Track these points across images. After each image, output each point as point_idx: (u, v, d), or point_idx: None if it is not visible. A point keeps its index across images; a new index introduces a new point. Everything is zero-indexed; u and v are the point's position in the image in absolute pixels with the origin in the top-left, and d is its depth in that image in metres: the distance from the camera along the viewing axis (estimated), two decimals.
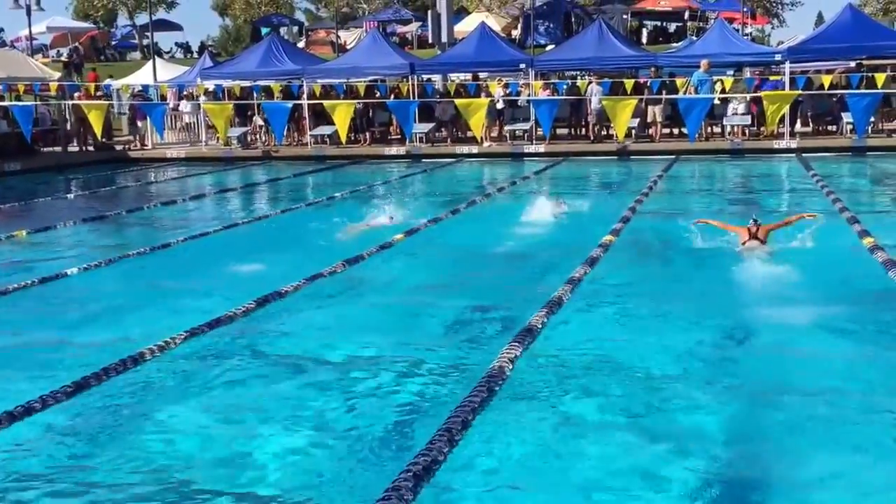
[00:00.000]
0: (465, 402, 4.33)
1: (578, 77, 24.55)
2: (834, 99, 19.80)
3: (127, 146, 23.74)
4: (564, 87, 22.37)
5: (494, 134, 21.78)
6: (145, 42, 44.86)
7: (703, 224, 9.08)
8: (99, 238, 10.98)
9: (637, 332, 6.09)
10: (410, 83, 21.96)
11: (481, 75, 23.92)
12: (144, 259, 8.97)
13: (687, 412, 4.66)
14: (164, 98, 26.27)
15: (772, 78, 20.58)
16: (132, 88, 26.24)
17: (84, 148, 22.80)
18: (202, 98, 23.81)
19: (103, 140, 22.51)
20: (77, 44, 45.01)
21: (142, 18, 49.58)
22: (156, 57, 31.49)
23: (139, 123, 23.62)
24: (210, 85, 24.25)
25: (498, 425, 4.42)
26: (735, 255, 8.17)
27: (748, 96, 19.84)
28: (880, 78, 20.41)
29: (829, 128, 20.60)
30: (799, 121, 20.87)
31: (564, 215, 11.01)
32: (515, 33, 43.16)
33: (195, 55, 48.88)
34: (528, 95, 21.21)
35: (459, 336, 6.21)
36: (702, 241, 8.79)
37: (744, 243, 8.26)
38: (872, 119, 19.26)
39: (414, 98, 21.45)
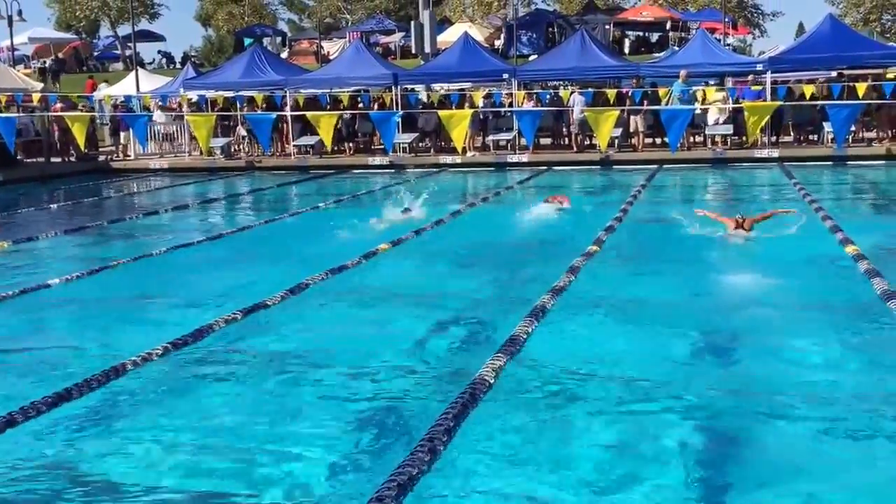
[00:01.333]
0: (447, 411, 4.33)
1: (561, 87, 24.67)
2: (815, 109, 19.96)
3: (110, 157, 23.63)
4: (547, 96, 22.48)
5: (478, 144, 21.82)
6: (128, 53, 44.69)
7: (702, 214, 10.33)
8: (81, 249, 10.90)
9: (624, 340, 6.11)
10: (394, 93, 21.99)
11: (465, 85, 24.00)
12: (126, 270, 8.91)
13: (672, 416, 4.68)
14: (147, 109, 26.16)
15: (753, 87, 20.75)
16: (115, 99, 26.12)
17: (67, 159, 22.68)
18: (185, 108, 23.75)
19: (86, 151, 22.40)
20: (59, 55, 44.87)
21: (124, 29, 49.40)
22: (138, 67, 31.35)
23: (122, 134, 23.52)
24: (193, 95, 24.18)
25: (483, 432, 4.42)
26: (718, 261, 8.23)
27: (730, 107, 19.98)
28: (861, 88, 20.61)
29: (811, 137, 20.77)
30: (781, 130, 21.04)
31: (552, 221, 11.05)
32: (498, 43, 43.30)
33: (178, 66, 48.76)
34: (511, 105, 21.27)
35: (444, 345, 6.21)
36: (686, 247, 8.85)
37: (731, 231, 9.52)
38: (853, 128, 19.45)
39: (397, 108, 21.48)
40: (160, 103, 25.64)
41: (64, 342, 6.55)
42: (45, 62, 42.73)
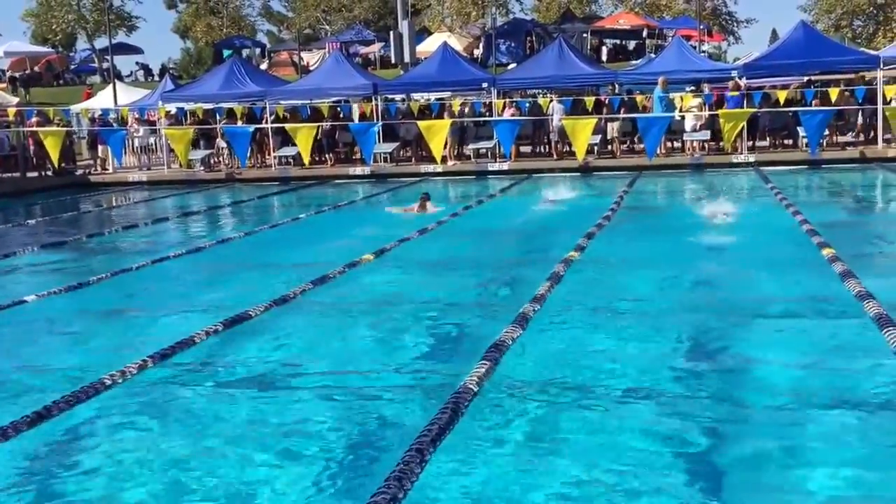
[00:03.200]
0: (434, 421, 4.34)
1: (540, 95, 24.80)
2: (790, 114, 20.18)
3: (88, 170, 23.49)
4: (527, 104, 22.58)
5: (462, 152, 21.88)
6: (105, 65, 44.46)
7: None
8: (57, 264, 10.83)
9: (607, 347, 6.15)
10: (374, 104, 22.02)
11: (445, 94, 24.08)
12: (104, 285, 8.87)
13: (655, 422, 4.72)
14: (124, 122, 26.05)
15: (731, 94, 20.95)
16: (92, 112, 25.99)
17: (43, 173, 22.52)
18: (163, 121, 23.66)
19: (62, 165, 22.26)
20: (35, 68, 44.60)
21: (101, 42, 49.15)
22: (116, 80, 31.24)
23: (100, 147, 23.40)
24: (172, 108, 24.10)
25: (469, 441, 4.43)
26: (699, 267, 8.29)
27: (706, 114, 20.16)
28: (833, 92, 20.87)
29: (786, 141, 20.99)
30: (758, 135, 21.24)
31: (534, 230, 11.09)
32: (477, 53, 43.50)
33: (156, 78, 48.57)
34: (491, 113, 21.35)
35: (428, 353, 6.22)
36: (668, 253, 8.91)
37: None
38: (827, 133, 19.67)
39: (377, 119, 21.52)
40: (138, 116, 25.55)
41: (40, 359, 6.50)
42: (17, 74, 42.49)
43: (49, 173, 22.39)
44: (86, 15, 52.12)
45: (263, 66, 42.13)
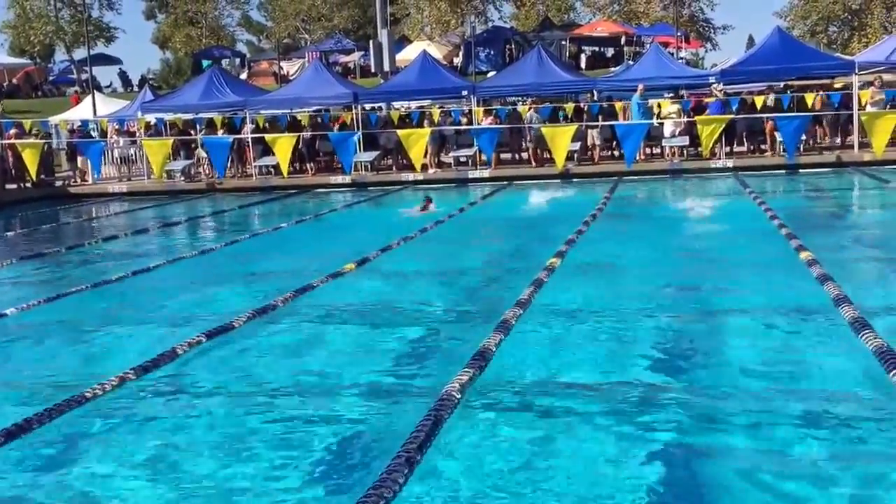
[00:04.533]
0: (419, 427, 4.36)
1: (520, 102, 24.91)
2: (767, 120, 20.37)
3: (67, 182, 23.34)
4: (506, 112, 22.67)
5: (442, 159, 21.93)
6: (84, 77, 44.22)
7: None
8: (37, 276, 10.76)
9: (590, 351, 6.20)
10: (354, 112, 22.04)
11: (424, 103, 24.14)
12: (84, 297, 8.83)
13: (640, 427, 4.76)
14: (104, 133, 25.92)
15: (707, 100, 21.13)
16: (71, 124, 25.84)
17: (23, 185, 22.36)
18: (142, 132, 23.56)
19: (41, 177, 22.10)
20: (13, 80, 44.27)
21: (80, 53, 48.86)
22: (95, 91, 31.08)
23: (79, 158, 23.27)
24: (151, 118, 24.01)
25: (455, 446, 4.46)
26: (680, 272, 8.36)
27: (684, 120, 20.32)
28: (809, 98, 21.09)
29: (764, 147, 21.17)
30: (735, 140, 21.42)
31: (514, 237, 11.12)
32: (457, 61, 43.64)
33: (135, 88, 48.34)
34: (471, 121, 21.43)
35: (411, 361, 6.24)
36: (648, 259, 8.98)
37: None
38: (804, 137, 19.87)
39: (358, 128, 21.54)
40: (118, 127, 25.43)
41: (18, 372, 6.47)
42: None
43: (28, 185, 22.23)
44: (64, 26, 51.81)
45: (243, 76, 42.02)
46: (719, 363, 5.82)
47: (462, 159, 21.46)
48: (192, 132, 23.74)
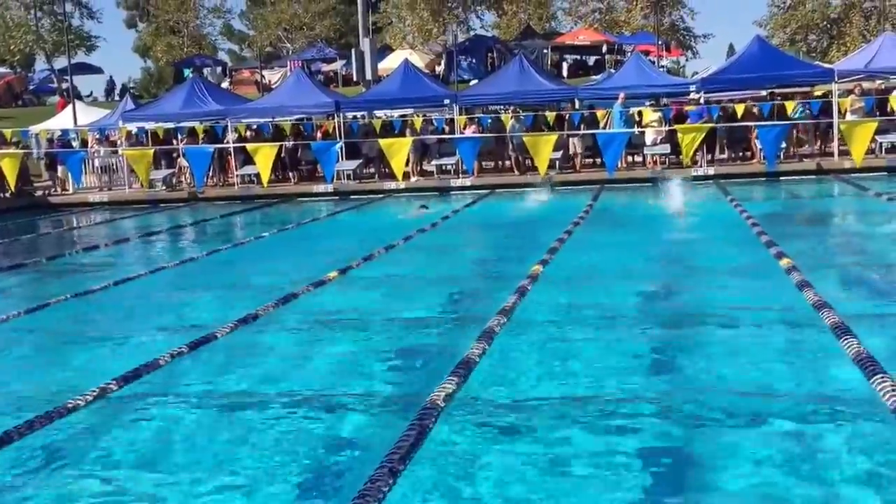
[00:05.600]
0: (403, 438, 4.35)
1: (502, 111, 24.99)
2: (747, 127, 20.52)
3: (46, 191, 23.17)
4: (489, 121, 22.73)
5: (425, 168, 21.93)
6: (64, 86, 43.96)
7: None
8: (16, 287, 10.67)
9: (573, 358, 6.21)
10: (336, 121, 22.02)
11: (407, 111, 24.15)
12: (65, 307, 8.75)
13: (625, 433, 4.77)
14: (85, 143, 25.74)
15: (687, 108, 21.26)
16: (51, 133, 25.66)
17: (2, 195, 22.17)
18: (122, 142, 23.43)
19: (21, 187, 21.93)
20: None
21: (60, 62, 48.59)
22: (76, 100, 30.89)
23: (59, 168, 23.10)
24: (132, 127, 23.88)
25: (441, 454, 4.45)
26: (662, 278, 8.40)
27: (664, 129, 20.45)
28: (789, 106, 21.26)
29: (746, 154, 21.32)
30: (717, 148, 21.56)
31: (497, 245, 11.13)
32: (439, 69, 43.68)
33: (117, 97, 48.10)
34: (453, 130, 21.46)
35: (395, 370, 6.23)
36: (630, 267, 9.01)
37: None
38: (784, 145, 20.04)
39: (340, 137, 21.51)
40: (98, 137, 25.27)
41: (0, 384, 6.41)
42: None
43: (7, 195, 22.04)
44: (44, 35, 51.49)
45: (225, 85, 41.92)
46: (698, 371, 5.84)
47: (444, 168, 21.48)
48: (175, 141, 23.63)
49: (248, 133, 23.54)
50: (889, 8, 46.21)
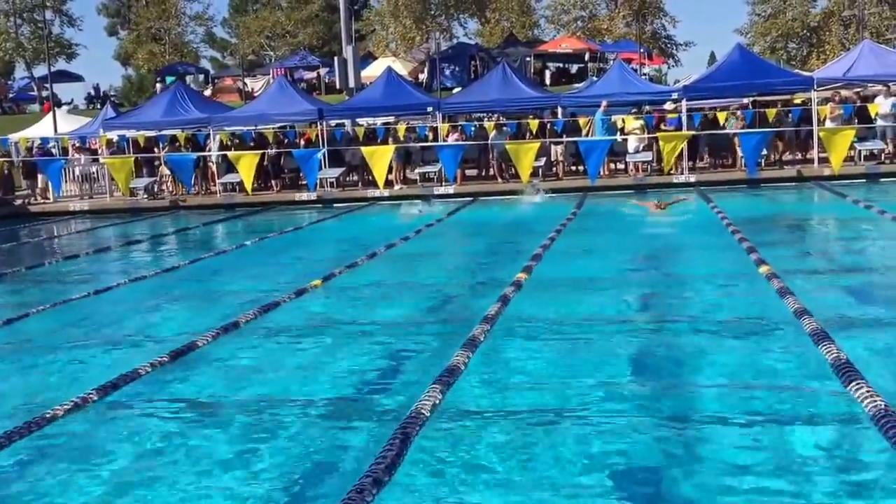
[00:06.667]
0: (387, 447, 4.33)
1: (486, 118, 25.03)
2: (728, 135, 20.66)
3: (26, 200, 22.98)
4: (472, 128, 22.75)
5: (408, 175, 21.93)
6: (45, 93, 43.68)
7: (635, 204, 15.74)
8: None
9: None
10: (319, 129, 21.98)
11: (390, 119, 24.14)
12: (44, 317, 8.67)
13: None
14: (65, 151, 25.57)
15: (670, 116, 21.38)
16: (30, 141, 25.47)
17: None
18: (104, 150, 23.29)
19: (2, 196, 21.74)
20: None
21: (41, 70, 48.29)
22: (56, 108, 30.69)
23: (39, 176, 22.92)
24: (113, 135, 23.73)
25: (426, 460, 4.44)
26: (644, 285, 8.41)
27: (646, 136, 20.55)
28: (770, 113, 21.42)
29: (728, 161, 21.45)
30: (698, 156, 21.68)
31: (479, 253, 11.12)
32: (422, 77, 43.73)
33: (98, 105, 47.83)
34: (437, 137, 21.48)
35: (380, 379, 6.21)
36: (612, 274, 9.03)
37: (652, 211, 14.90)
38: (765, 152, 20.19)
39: (323, 144, 21.48)
40: (78, 145, 25.11)
41: None
42: None
43: None
44: (24, 43, 51.18)
45: (207, 93, 41.76)
46: (680, 377, 5.86)
47: (428, 175, 21.49)
48: (156, 149, 23.51)
49: (231, 141, 23.43)
50: (867, 17, 46.70)
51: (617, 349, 6.55)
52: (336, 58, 30.01)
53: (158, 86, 40.77)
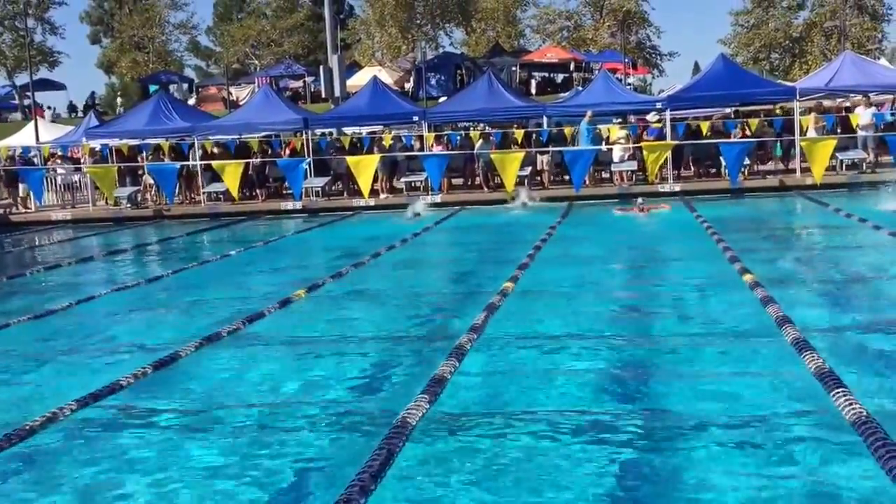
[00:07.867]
0: (374, 455, 4.30)
1: (472, 128, 25.08)
2: (712, 145, 20.77)
3: (7, 210, 22.79)
4: (458, 138, 22.77)
5: (395, 185, 21.91)
6: (26, 102, 43.40)
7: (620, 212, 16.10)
8: None
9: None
10: (305, 138, 21.94)
11: (376, 128, 24.14)
12: (25, 328, 8.59)
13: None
14: (47, 160, 25.40)
15: (654, 125, 21.48)
16: (12, 150, 25.29)
17: None
18: (86, 159, 23.15)
19: None
20: None
21: (22, 78, 47.97)
22: (37, 117, 30.50)
23: (21, 186, 22.75)
24: (96, 144, 23.59)
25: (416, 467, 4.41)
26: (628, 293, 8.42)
27: (631, 145, 20.63)
28: (753, 123, 21.57)
29: (711, 170, 21.57)
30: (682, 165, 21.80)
31: (465, 262, 11.11)
32: (408, 86, 43.78)
33: (80, 114, 47.57)
34: (422, 147, 21.48)
35: (366, 388, 6.18)
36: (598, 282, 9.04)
37: (635, 212, 15.58)
38: (748, 162, 20.31)
39: (308, 153, 21.44)
40: (60, 154, 24.96)
41: None
42: None
43: None
44: (5, 51, 50.86)
45: (191, 102, 41.66)
46: (665, 387, 5.86)
47: (413, 184, 21.48)
48: (140, 158, 23.38)
49: (215, 150, 23.35)
50: (849, 28, 47.16)
51: (598, 355, 6.55)
52: (321, 67, 29.99)
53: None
